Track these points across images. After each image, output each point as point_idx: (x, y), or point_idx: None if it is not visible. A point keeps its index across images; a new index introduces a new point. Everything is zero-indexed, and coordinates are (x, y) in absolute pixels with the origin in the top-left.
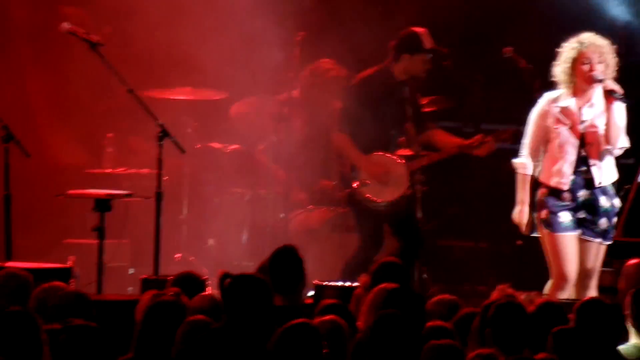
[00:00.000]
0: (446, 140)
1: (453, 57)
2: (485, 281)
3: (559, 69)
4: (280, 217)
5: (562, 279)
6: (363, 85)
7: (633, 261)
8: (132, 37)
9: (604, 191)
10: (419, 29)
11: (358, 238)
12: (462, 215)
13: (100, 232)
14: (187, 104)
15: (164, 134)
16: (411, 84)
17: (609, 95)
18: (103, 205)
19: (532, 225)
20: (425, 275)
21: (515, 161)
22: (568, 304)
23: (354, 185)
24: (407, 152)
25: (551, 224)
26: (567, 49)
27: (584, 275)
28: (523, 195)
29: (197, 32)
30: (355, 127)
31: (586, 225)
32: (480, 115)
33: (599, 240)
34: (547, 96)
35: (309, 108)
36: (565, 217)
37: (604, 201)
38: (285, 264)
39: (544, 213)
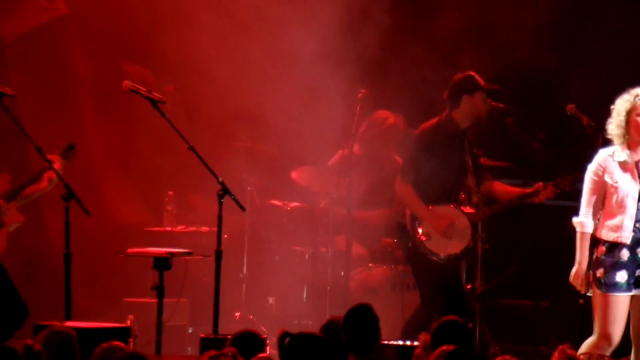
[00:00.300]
0: (506, 190)
1: (516, 114)
2: (546, 341)
3: (613, 124)
4: (341, 275)
5: (606, 340)
6: (428, 134)
7: None
8: (195, 93)
9: None
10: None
11: (419, 296)
12: (523, 274)
13: (159, 290)
14: (248, 160)
15: (224, 191)
16: (469, 134)
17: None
18: (162, 263)
19: (588, 284)
20: (486, 336)
21: (575, 220)
22: None
23: (417, 237)
24: (467, 206)
25: (606, 284)
26: (621, 103)
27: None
28: (582, 254)
29: (259, 88)
30: (419, 177)
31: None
32: (542, 173)
33: None
34: (603, 152)
35: (369, 163)
36: (621, 276)
37: None
38: (361, 322)
39: (600, 272)
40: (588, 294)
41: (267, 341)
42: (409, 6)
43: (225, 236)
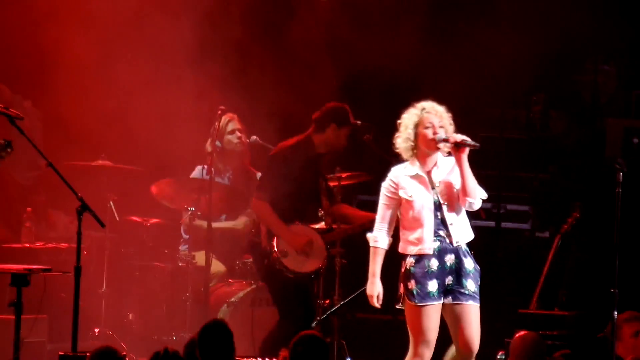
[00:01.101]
0: (356, 214)
1: (373, 131)
2: (402, 356)
3: (401, 138)
4: (201, 290)
5: (427, 349)
6: (286, 153)
7: (520, 334)
8: (53, 109)
9: (465, 254)
10: (344, 105)
11: (277, 312)
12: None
13: (17, 307)
14: (108, 177)
15: (83, 207)
16: (325, 157)
17: (458, 147)
18: (20, 280)
19: (400, 298)
20: (344, 350)
21: (369, 235)
22: None
23: (274, 254)
24: (322, 225)
25: (419, 294)
26: (408, 117)
27: (468, 341)
28: (374, 267)
29: (120, 103)
30: (275, 195)
31: (455, 289)
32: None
33: (472, 302)
34: (395, 169)
35: (232, 177)
36: (433, 285)
37: (468, 263)
38: (214, 338)
39: (411, 283)
40: (399, 306)
41: (127, 358)
42: (261, 18)
43: (85, 252)
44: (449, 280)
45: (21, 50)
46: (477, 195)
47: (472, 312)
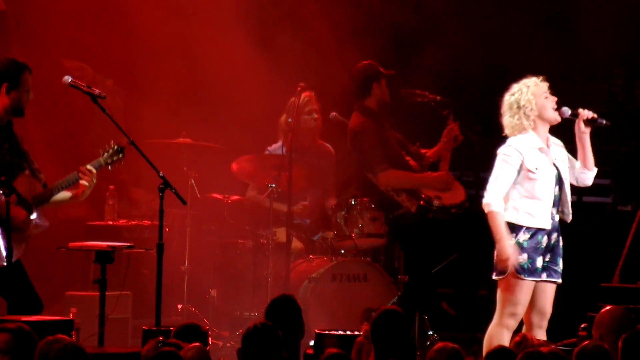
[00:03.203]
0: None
1: (451, 106)
2: (483, 329)
3: (521, 110)
4: (282, 266)
5: (513, 321)
6: (364, 125)
7: (607, 308)
8: (135, 87)
9: (560, 231)
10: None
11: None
12: (461, 262)
13: (101, 284)
14: (189, 154)
15: (165, 185)
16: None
17: (588, 124)
18: (104, 257)
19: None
20: (425, 324)
21: (486, 202)
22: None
23: (429, 202)
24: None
25: (529, 269)
26: (526, 89)
27: (541, 317)
28: (501, 230)
29: (199, 80)
30: (390, 161)
31: (550, 267)
32: (479, 163)
33: (559, 281)
34: (516, 140)
35: (311, 155)
36: (539, 262)
37: (561, 242)
38: (282, 313)
39: (522, 257)
40: (497, 277)
41: (209, 333)
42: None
43: (167, 229)
44: (547, 257)
45: (103, 29)
46: (594, 170)
47: (554, 290)
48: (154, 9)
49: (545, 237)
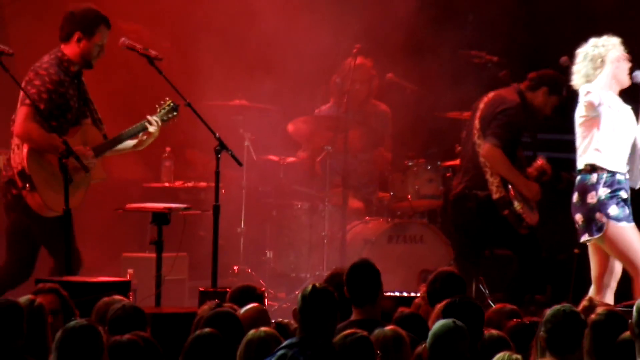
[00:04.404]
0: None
1: (509, 68)
2: (542, 290)
3: (601, 68)
4: (338, 228)
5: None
6: (518, 109)
7: None
8: (191, 49)
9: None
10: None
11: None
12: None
13: (158, 245)
14: (244, 116)
15: (221, 147)
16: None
17: None
18: (161, 218)
19: (590, 228)
20: (483, 286)
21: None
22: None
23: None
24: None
25: (625, 216)
26: (613, 49)
27: (613, 276)
28: None
29: (254, 43)
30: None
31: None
32: (537, 125)
33: None
34: (600, 91)
35: (364, 115)
36: (627, 210)
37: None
38: (363, 277)
39: (612, 209)
40: (588, 238)
41: (265, 294)
42: None
43: (223, 191)
44: (628, 209)
45: None
46: None
47: None
48: None
49: (624, 192)
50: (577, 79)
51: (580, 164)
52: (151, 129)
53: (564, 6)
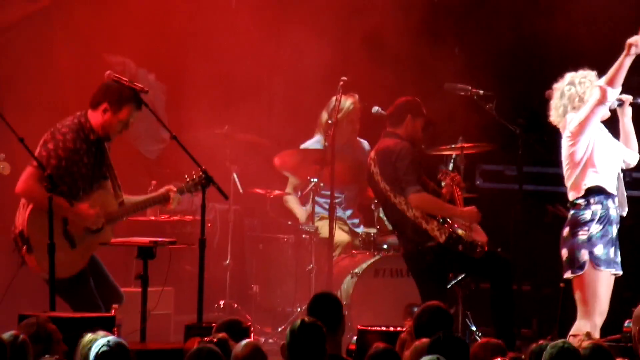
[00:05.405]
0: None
1: (495, 100)
2: (528, 324)
3: (576, 104)
4: (324, 261)
5: (600, 318)
6: (406, 145)
7: None
8: (176, 82)
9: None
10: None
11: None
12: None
13: (143, 279)
14: (231, 149)
15: (207, 180)
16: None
17: (632, 105)
18: (147, 252)
19: (573, 264)
20: (469, 320)
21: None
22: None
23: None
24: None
25: (605, 261)
26: (587, 85)
27: (602, 314)
28: None
29: (240, 75)
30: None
31: (615, 260)
32: (523, 158)
33: (620, 272)
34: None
35: (349, 150)
36: (612, 253)
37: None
38: (323, 309)
39: (598, 249)
40: (571, 275)
41: (252, 329)
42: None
43: (209, 225)
44: (614, 249)
45: (146, 24)
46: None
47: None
48: (197, 3)
49: (614, 228)
50: (554, 116)
51: (571, 196)
52: (172, 205)
53: (551, 39)
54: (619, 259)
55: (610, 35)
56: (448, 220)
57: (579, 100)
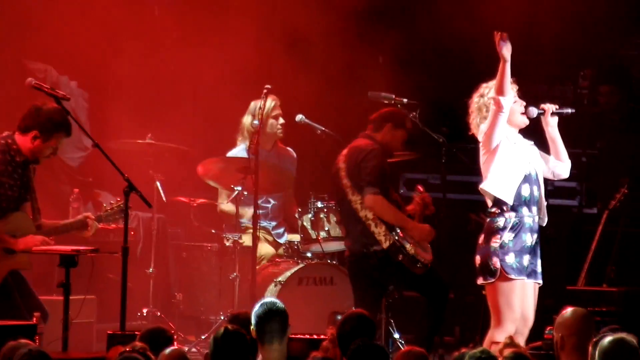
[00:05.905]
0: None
1: (419, 109)
2: (451, 332)
3: (484, 114)
4: (248, 270)
5: (512, 325)
6: (378, 148)
7: (569, 309)
8: (98, 89)
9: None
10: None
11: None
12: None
13: (65, 288)
14: (154, 157)
15: (130, 188)
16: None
17: (554, 116)
18: (69, 261)
19: (485, 271)
20: (392, 328)
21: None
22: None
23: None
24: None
25: (517, 268)
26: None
27: (524, 322)
28: None
29: (163, 82)
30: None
31: (533, 268)
32: (446, 166)
33: (540, 282)
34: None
35: (274, 158)
36: (526, 261)
37: (538, 244)
38: (271, 317)
39: (509, 257)
40: (485, 282)
41: (175, 337)
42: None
43: (132, 233)
44: (530, 258)
45: (68, 31)
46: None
47: (537, 291)
48: (119, 10)
49: (529, 236)
50: (473, 127)
51: (488, 203)
52: (87, 232)
53: (475, 47)
54: (538, 268)
55: (531, 41)
56: (398, 231)
57: (486, 110)
